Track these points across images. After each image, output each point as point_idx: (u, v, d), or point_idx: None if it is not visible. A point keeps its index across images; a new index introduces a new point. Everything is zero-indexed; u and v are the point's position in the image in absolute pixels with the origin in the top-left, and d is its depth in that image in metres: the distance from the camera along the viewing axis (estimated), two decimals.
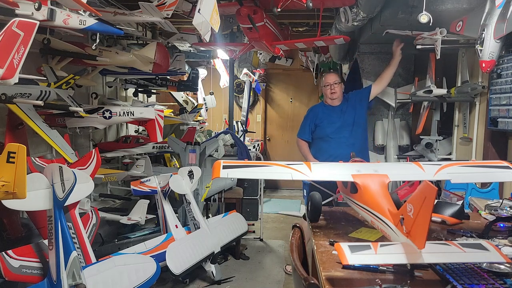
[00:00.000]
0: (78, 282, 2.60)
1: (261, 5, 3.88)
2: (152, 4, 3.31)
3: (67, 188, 2.61)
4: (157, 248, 3.76)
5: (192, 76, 6.11)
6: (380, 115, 5.18)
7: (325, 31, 5.96)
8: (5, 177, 2.08)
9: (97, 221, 3.43)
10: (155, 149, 5.23)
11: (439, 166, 1.98)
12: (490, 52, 2.82)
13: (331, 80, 4.10)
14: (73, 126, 3.99)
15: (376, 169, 1.94)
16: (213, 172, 1.84)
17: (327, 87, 4.11)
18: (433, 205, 1.35)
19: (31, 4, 2.54)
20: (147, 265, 3.13)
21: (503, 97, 3.14)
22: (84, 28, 2.83)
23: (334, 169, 2.07)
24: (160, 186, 4.19)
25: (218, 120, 9.01)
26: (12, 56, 2.18)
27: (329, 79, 4.12)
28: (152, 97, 6.52)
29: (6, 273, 2.56)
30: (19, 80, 2.29)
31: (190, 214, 4.13)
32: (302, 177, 1.90)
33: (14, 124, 3.18)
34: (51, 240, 2.61)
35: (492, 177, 2.35)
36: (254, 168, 1.92)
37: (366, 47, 5.10)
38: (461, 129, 4.08)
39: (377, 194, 1.75)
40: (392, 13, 3.57)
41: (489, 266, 1.47)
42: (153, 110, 4.27)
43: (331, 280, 1.47)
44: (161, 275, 3.28)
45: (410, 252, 1.40)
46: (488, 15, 2.80)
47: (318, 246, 1.80)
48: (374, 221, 1.71)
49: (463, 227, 2.06)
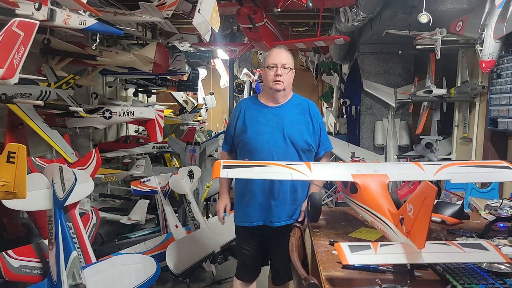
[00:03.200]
0: (78, 282, 2.60)
1: (261, 5, 3.88)
2: (152, 4, 3.31)
3: (67, 188, 2.61)
4: (157, 248, 3.76)
5: (192, 76, 6.12)
6: (380, 115, 5.18)
7: (325, 31, 5.96)
8: (5, 177, 2.08)
9: (97, 221, 3.43)
10: (155, 149, 5.24)
11: (439, 166, 1.98)
12: (490, 52, 2.82)
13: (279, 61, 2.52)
14: (73, 126, 3.99)
15: (376, 169, 1.94)
16: (213, 172, 1.84)
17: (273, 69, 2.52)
18: (433, 205, 1.35)
19: (31, 4, 2.55)
20: (147, 265, 3.13)
21: (503, 97, 3.14)
22: (84, 28, 2.83)
23: (334, 169, 2.07)
24: (160, 186, 4.19)
25: (218, 120, 9.02)
26: (12, 56, 2.18)
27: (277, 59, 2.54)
28: (152, 97, 6.53)
29: (6, 273, 2.56)
30: (19, 80, 2.29)
31: (190, 214, 4.13)
32: (302, 177, 1.90)
33: (14, 124, 3.18)
34: (51, 240, 2.61)
35: (492, 177, 2.35)
36: (254, 168, 1.92)
37: (366, 47, 5.10)
38: (461, 129, 4.08)
39: (377, 194, 1.75)
40: (392, 13, 3.57)
41: (489, 266, 1.47)
42: (153, 110, 4.28)
43: (331, 280, 1.47)
44: (161, 275, 3.28)
45: (410, 252, 1.40)
46: (488, 15, 2.81)
47: (318, 246, 1.80)
48: (374, 221, 1.71)
49: (463, 227, 2.05)
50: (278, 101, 2.57)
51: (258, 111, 2.59)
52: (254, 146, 2.49)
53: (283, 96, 2.57)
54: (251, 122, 2.56)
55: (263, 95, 2.65)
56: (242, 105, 2.68)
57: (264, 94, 2.66)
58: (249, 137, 2.52)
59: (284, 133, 2.49)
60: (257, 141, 2.50)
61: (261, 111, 2.57)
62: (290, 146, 2.48)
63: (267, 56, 2.60)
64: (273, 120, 2.53)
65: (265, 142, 2.48)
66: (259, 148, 2.48)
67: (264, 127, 2.52)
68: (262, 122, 2.54)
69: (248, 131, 2.54)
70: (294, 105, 2.60)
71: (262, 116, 2.56)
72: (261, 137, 2.50)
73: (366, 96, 5.17)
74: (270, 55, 2.58)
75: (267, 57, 2.59)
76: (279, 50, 2.58)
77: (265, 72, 2.56)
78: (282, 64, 2.49)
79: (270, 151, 2.45)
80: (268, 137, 2.49)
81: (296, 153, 2.49)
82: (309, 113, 2.59)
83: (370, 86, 5.08)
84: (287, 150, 2.47)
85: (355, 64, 5.18)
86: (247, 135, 2.53)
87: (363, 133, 5.24)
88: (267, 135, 2.49)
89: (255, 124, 2.55)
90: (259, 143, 2.49)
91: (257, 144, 2.49)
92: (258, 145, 2.48)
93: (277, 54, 2.54)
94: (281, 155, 2.43)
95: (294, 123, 2.53)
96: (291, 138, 2.49)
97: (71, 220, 2.92)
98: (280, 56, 2.53)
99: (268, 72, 2.52)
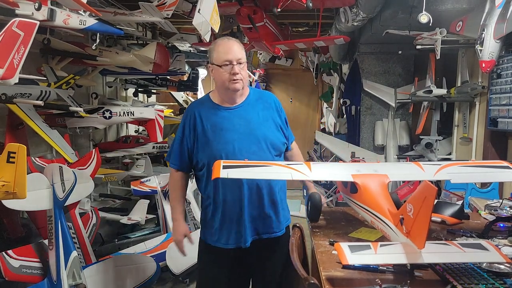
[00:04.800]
0: (78, 282, 2.60)
1: (261, 5, 3.88)
2: (152, 4, 3.31)
3: (67, 188, 2.62)
4: (157, 248, 3.75)
5: (192, 76, 6.11)
6: (380, 115, 5.18)
7: (325, 31, 5.96)
8: (5, 177, 2.08)
9: (97, 221, 3.44)
10: (155, 149, 5.23)
11: (439, 166, 1.98)
12: (490, 52, 2.82)
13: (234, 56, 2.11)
14: (73, 126, 3.99)
15: (376, 169, 1.94)
16: (213, 172, 1.84)
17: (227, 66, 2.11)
18: (433, 205, 1.35)
19: (31, 4, 2.55)
20: (147, 265, 3.13)
21: (503, 97, 3.14)
22: (84, 28, 2.83)
23: (334, 169, 2.07)
24: (160, 186, 4.19)
25: None
26: (12, 56, 2.18)
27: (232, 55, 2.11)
28: (152, 97, 6.53)
29: (6, 273, 2.56)
30: (19, 80, 2.29)
31: (190, 214, 4.13)
32: (302, 177, 1.90)
33: (14, 124, 3.18)
34: (51, 240, 2.61)
35: (492, 177, 2.35)
36: (254, 168, 1.92)
37: (366, 47, 5.10)
38: (461, 129, 4.08)
39: (377, 194, 1.75)
40: (392, 13, 3.57)
41: (489, 266, 1.47)
42: (153, 110, 4.28)
43: (331, 280, 1.47)
44: (161, 275, 3.28)
45: (410, 252, 1.40)
46: (488, 15, 2.80)
47: (318, 246, 1.81)
48: (374, 221, 1.71)
49: (463, 227, 2.05)
50: (236, 100, 2.17)
51: (217, 115, 2.15)
52: (227, 158, 2.04)
53: (241, 95, 2.18)
54: (214, 131, 2.12)
55: (216, 96, 2.22)
56: (195, 111, 2.19)
57: (217, 94, 2.22)
58: (217, 149, 2.08)
59: (256, 136, 2.12)
60: (229, 152, 2.08)
61: (222, 115, 2.15)
62: (264, 149, 2.12)
63: (215, 50, 2.11)
64: (239, 123, 2.13)
65: (238, 151, 2.07)
66: (233, 160, 2.01)
67: (232, 134, 2.10)
68: (227, 129, 2.12)
69: (214, 143, 2.10)
70: (255, 100, 2.23)
71: (225, 121, 2.13)
72: (233, 145, 2.08)
73: (366, 96, 5.17)
74: (218, 49, 2.10)
75: (215, 51, 2.11)
76: (229, 42, 2.13)
77: (217, 71, 2.10)
78: (237, 60, 2.08)
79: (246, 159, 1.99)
80: (240, 144, 2.09)
81: (271, 155, 2.13)
82: (274, 107, 2.25)
83: (370, 86, 5.08)
84: (263, 155, 2.10)
85: (355, 64, 5.18)
86: (214, 147, 2.09)
87: (363, 133, 5.24)
88: (238, 142, 2.09)
89: (219, 133, 2.11)
90: (231, 154, 2.07)
91: (229, 156, 2.06)
92: (230, 157, 2.05)
93: (229, 48, 2.09)
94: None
95: (263, 121, 2.17)
96: (266, 140, 2.13)
97: (71, 220, 2.93)
98: (232, 49, 2.09)
99: (221, 71, 2.08)
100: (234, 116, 2.15)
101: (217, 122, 2.14)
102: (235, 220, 2.11)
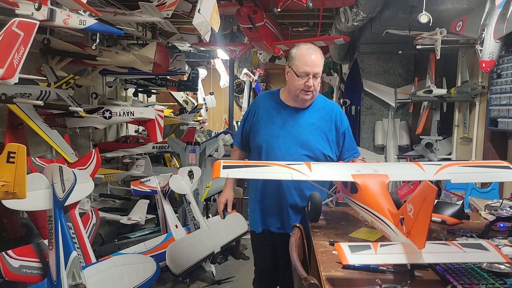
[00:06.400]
0: (78, 282, 2.60)
1: (261, 5, 3.88)
2: (152, 4, 3.31)
3: (67, 188, 2.61)
4: (157, 248, 3.76)
5: (192, 76, 6.11)
6: (380, 115, 5.18)
7: (325, 31, 5.96)
8: (5, 177, 2.08)
9: (97, 221, 3.43)
10: (155, 149, 5.23)
11: (439, 166, 1.98)
12: (490, 52, 2.83)
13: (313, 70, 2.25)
14: (73, 126, 3.99)
15: (376, 169, 1.94)
16: (213, 172, 1.84)
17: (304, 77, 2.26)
18: (433, 205, 1.35)
19: (31, 4, 2.55)
20: (147, 265, 3.13)
21: (503, 97, 3.14)
22: (84, 28, 2.84)
23: (334, 169, 2.07)
24: (160, 186, 4.19)
25: (218, 120, 9.02)
26: (12, 56, 2.18)
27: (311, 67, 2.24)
28: (152, 97, 6.53)
29: (6, 273, 2.56)
30: (19, 80, 2.29)
31: (190, 214, 4.13)
32: (302, 177, 1.89)
33: (14, 124, 3.17)
34: (51, 240, 2.61)
35: (492, 177, 2.34)
36: (254, 168, 1.92)
37: (366, 47, 5.10)
38: (461, 129, 4.08)
39: (377, 194, 1.75)
40: (392, 13, 3.57)
41: (489, 266, 1.47)
42: (153, 110, 4.27)
43: (331, 280, 1.47)
44: (161, 275, 3.28)
45: (410, 252, 1.40)
46: (488, 15, 2.81)
47: (318, 246, 1.80)
48: (374, 221, 1.71)
49: (463, 227, 2.05)
50: (302, 104, 2.34)
51: (275, 110, 2.36)
52: (266, 150, 2.31)
53: (309, 101, 2.33)
54: (266, 123, 2.35)
55: (285, 93, 2.39)
56: (261, 101, 2.45)
57: (286, 93, 2.38)
58: (261, 139, 2.33)
59: (300, 140, 2.28)
60: (269, 145, 2.30)
61: (279, 111, 2.35)
62: (303, 155, 2.27)
63: (298, 58, 2.23)
64: (290, 123, 2.31)
65: (277, 147, 2.29)
66: (270, 153, 2.29)
67: (279, 130, 2.31)
68: (277, 124, 2.32)
69: (261, 133, 2.34)
70: (317, 109, 2.36)
71: (279, 117, 2.34)
72: (275, 141, 2.30)
73: (366, 96, 5.18)
74: (302, 58, 2.22)
75: (298, 59, 2.23)
76: (313, 54, 2.22)
77: (293, 77, 2.24)
78: (315, 74, 2.21)
79: (282, 158, 2.22)
80: (281, 142, 2.29)
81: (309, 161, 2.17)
82: (333, 120, 2.36)
83: (370, 86, 5.08)
84: (300, 158, 2.21)
85: (355, 64, 5.18)
86: (260, 137, 2.34)
87: (363, 133, 5.24)
88: (281, 139, 2.29)
89: (269, 125, 2.33)
90: (270, 148, 2.30)
91: (269, 148, 2.30)
92: (269, 150, 2.29)
93: (311, 61, 2.20)
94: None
95: (313, 130, 2.31)
96: (306, 147, 2.28)
97: (71, 220, 2.92)
98: (314, 63, 2.20)
99: (297, 79, 2.22)
100: (289, 116, 2.35)
101: (272, 116, 2.37)
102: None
